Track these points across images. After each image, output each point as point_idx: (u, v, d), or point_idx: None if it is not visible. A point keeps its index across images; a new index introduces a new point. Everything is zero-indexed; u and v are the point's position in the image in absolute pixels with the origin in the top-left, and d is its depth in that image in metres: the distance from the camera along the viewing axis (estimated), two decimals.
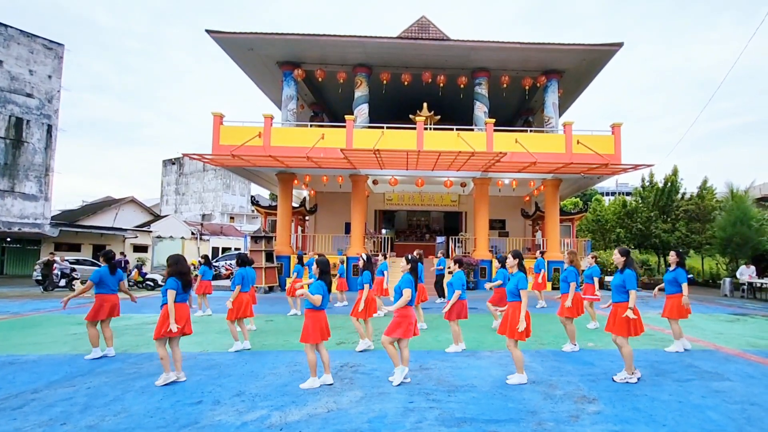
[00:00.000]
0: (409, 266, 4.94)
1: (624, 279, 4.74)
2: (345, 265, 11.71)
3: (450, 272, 7.70)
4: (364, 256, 6.67)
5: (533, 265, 11.65)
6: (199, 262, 10.29)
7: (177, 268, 4.69)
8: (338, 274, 11.30)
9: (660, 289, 6.75)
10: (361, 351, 6.06)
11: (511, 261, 4.80)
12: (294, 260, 13.02)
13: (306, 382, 4.44)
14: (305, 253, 12.87)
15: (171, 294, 4.52)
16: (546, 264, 13.30)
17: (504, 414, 3.76)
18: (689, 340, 7.10)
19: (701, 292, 17.96)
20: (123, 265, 16.90)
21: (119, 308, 5.93)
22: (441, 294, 11.86)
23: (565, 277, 6.46)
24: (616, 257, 4.91)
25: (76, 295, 5.98)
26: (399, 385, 4.51)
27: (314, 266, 4.69)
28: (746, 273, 15.58)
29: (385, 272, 9.35)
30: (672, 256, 6.41)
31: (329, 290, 4.64)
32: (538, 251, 11.47)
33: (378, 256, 10.64)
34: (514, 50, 15.49)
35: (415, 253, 5.49)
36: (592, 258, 8.25)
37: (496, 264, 7.67)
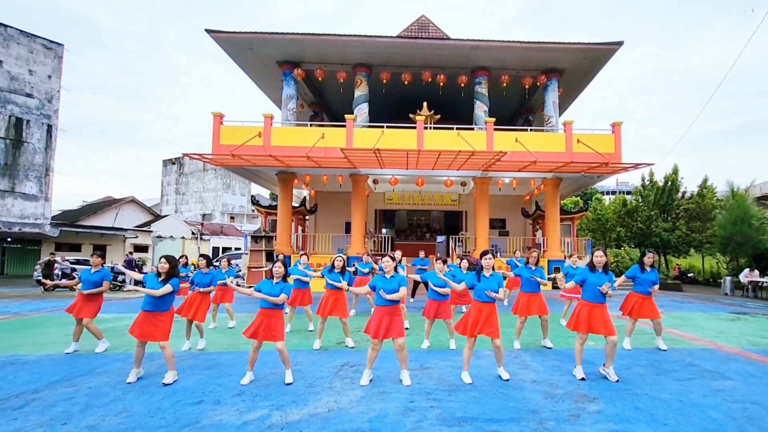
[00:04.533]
0: (394, 264, 4.86)
1: (611, 279, 4.84)
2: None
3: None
4: (344, 259, 6.71)
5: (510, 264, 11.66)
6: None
7: (177, 270, 4.89)
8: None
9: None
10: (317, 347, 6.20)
11: (490, 261, 4.77)
12: (293, 260, 13.01)
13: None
14: (304, 253, 12.83)
15: (167, 288, 4.68)
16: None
17: (505, 413, 3.76)
18: (691, 339, 7.11)
19: (702, 290, 17.97)
20: (134, 264, 16.86)
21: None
22: (412, 294, 12.11)
23: (541, 275, 6.43)
24: (603, 258, 4.89)
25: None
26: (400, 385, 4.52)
27: (280, 268, 4.78)
28: (748, 276, 15.63)
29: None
30: (651, 258, 6.23)
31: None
32: (520, 252, 11.49)
33: (364, 256, 10.58)
34: (514, 49, 15.47)
35: (398, 254, 5.45)
36: (578, 258, 8.46)
37: (465, 263, 7.67)
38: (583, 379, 4.73)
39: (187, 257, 9.09)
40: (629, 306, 6.31)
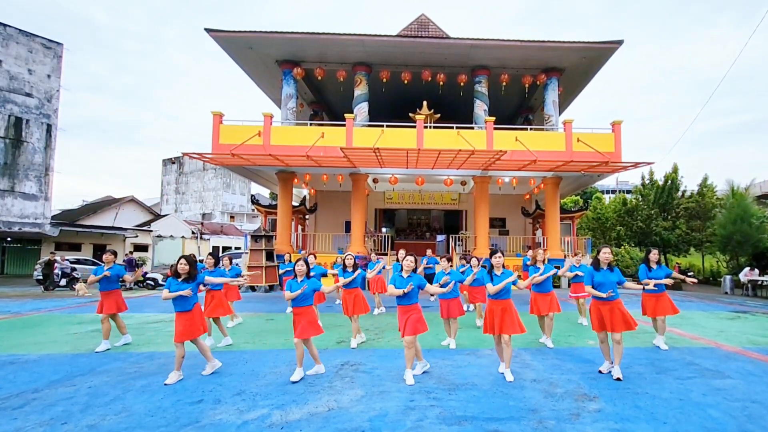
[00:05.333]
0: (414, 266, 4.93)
1: (618, 275, 4.83)
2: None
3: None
4: (353, 258, 6.79)
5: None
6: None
7: (196, 268, 4.92)
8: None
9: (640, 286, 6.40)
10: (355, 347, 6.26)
11: (500, 260, 4.88)
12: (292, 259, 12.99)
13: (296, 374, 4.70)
14: (312, 253, 12.87)
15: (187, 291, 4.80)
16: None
17: (505, 412, 3.76)
18: (691, 338, 7.11)
19: (702, 289, 17.96)
20: (134, 263, 16.78)
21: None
22: None
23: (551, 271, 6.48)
24: (609, 255, 4.88)
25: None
26: (401, 383, 4.53)
27: (303, 266, 4.89)
28: (748, 275, 15.62)
29: (385, 270, 9.50)
30: (656, 254, 6.20)
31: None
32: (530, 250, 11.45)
33: (371, 255, 10.73)
34: (514, 48, 15.45)
35: (402, 253, 5.50)
36: (581, 256, 8.41)
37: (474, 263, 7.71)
38: (601, 372, 4.89)
39: (194, 255, 9.14)
40: (646, 307, 6.28)
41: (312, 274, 5.00)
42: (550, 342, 6.38)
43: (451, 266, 6.53)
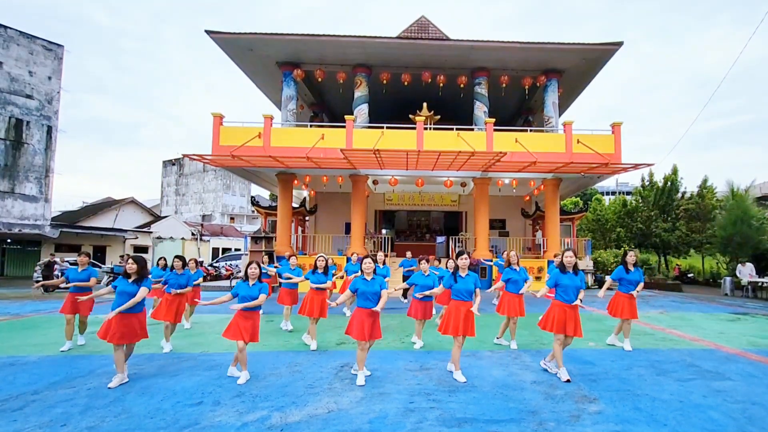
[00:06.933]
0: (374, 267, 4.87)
1: (581, 279, 4.85)
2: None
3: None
4: (326, 259, 6.63)
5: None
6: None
7: (148, 270, 4.88)
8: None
9: (609, 289, 6.33)
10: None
11: (466, 261, 4.86)
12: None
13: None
14: (305, 253, 12.77)
15: (143, 292, 4.66)
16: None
17: (505, 414, 3.75)
18: (691, 340, 7.10)
19: (702, 291, 17.95)
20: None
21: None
22: (404, 295, 11.94)
23: (525, 276, 6.46)
24: (573, 259, 4.85)
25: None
26: (398, 385, 4.52)
27: (255, 269, 4.77)
28: (745, 272, 15.57)
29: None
30: (633, 256, 6.29)
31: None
32: (504, 252, 11.32)
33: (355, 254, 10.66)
34: (514, 50, 15.47)
35: (380, 256, 5.44)
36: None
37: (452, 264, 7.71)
38: (568, 380, 4.68)
39: (165, 259, 8.71)
40: (617, 307, 6.34)
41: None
42: (514, 344, 6.38)
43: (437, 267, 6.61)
